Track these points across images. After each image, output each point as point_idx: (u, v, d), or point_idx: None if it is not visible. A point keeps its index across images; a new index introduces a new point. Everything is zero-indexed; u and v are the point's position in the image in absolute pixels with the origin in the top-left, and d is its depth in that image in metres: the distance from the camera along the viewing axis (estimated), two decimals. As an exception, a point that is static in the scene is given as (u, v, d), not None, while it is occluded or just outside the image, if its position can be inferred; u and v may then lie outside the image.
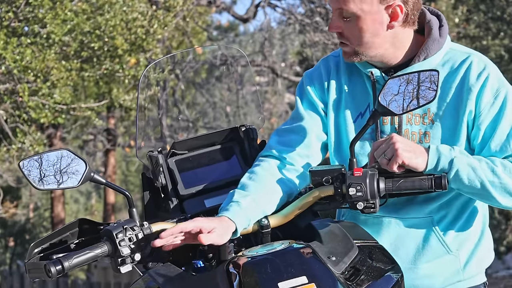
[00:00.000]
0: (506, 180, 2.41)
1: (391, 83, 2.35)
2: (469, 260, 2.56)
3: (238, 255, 2.23)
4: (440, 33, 2.54)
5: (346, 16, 2.48)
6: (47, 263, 2.13)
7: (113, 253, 2.20)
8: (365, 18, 2.47)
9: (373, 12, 2.47)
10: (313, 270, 2.11)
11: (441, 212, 2.52)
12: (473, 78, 2.48)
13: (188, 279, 2.21)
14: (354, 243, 2.31)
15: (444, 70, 2.52)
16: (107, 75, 11.48)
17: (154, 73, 2.90)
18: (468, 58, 2.52)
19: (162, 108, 11.12)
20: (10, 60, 9.81)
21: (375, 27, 2.49)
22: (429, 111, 2.51)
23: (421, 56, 2.52)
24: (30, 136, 11.46)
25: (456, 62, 2.53)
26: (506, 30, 14.44)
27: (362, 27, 2.48)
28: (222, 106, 18.48)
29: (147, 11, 11.22)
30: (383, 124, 2.55)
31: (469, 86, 2.48)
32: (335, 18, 2.51)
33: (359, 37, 2.49)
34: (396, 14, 2.49)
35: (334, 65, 2.65)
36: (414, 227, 2.52)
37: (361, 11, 2.46)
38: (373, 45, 2.50)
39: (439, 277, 2.55)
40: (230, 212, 2.33)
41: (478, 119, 2.48)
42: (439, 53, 2.52)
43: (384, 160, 2.37)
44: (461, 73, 2.50)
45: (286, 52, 19.30)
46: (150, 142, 2.75)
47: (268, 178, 2.47)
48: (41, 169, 2.26)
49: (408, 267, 2.52)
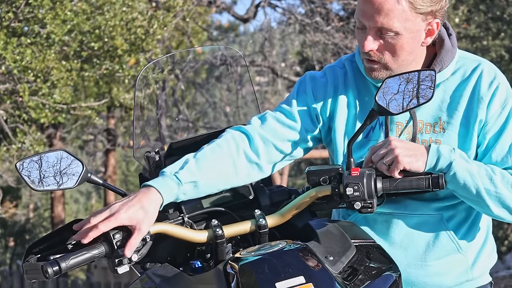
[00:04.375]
0: (502, 191, 2.39)
1: (390, 82, 2.34)
2: (476, 260, 2.55)
3: (236, 255, 2.23)
4: (451, 43, 2.51)
5: (385, 34, 2.39)
6: (44, 264, 2.13)
7: (110, 253, 2.20)
8: (407, 36, 2.39)
9: (415, 30, 2.40)
10: (311, 270, 2.11)
11: (450, 211, 2.50)
12: (484, 87, 2.46)
13: (186, 280, 2.21)
14: (352, 242, 2.30)
15: (456, 79, 2.50)
16: (107, 75, 11.50)
17: (152, 73, 2.90)
18: (479, 66, 2.49)
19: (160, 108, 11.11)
20: (10, 60, 9.82)
21: (414, 45, 2.43)
22: (440, 120, 2.49)
23: (436, 69, 2.47)
24: (30, 136, 11.47)
25: (467, 71, 2.50)
26: (506, 30, 14.44)
27: (402, 45, 2.40)
28: (222, 106, 18.49)
29: (147, 11, 11.23)
30: (396, 136, 2.50)
31: (480, 95, 2.46)
32: (371, 37, 2.40)
33: (396, 55, 2.42)
34: (432, 31, 2.45)
35: (341, 78, 2.58)
36: (424, 223, 2.49)
37: (404, 29, 2.38)
38: (407, 62, 2.45)
39: (449, 275, 2.53)
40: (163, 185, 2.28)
41: (485, 127, 2.46)
42: (452, 63, 2.50)
43: (384, 166, 2.34)
44: (472, 82, 2.48)
45: (286, 52, 19.32)
46: (148, 143, 2.76)
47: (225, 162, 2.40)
48: (41, 170, 2.26)
49: (418, 263, 2.50)
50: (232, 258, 2.22)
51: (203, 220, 2.44)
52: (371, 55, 2.43)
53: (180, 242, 2.36)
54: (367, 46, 2.40)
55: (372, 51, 2.42)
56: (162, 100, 13.13)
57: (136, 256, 2.23)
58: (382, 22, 2.37)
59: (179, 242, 2.37)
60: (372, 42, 2.41)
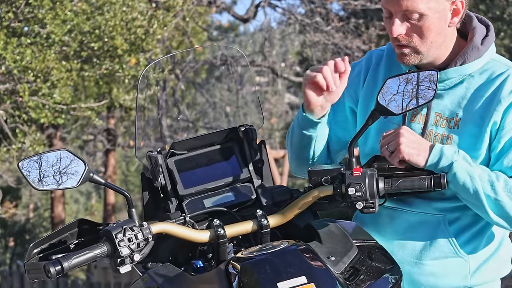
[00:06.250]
0: (502, 198, 2.38)
1: (390, 82, 2.34)
2: (480, 267, 2.52)
3: (237, 255, 2.23)
4: (483, 41, 2.51)
5: (411, 17, 2.42)
6: (46, 264, 2.13)
7: (112, 253, 2.20)
8: (433, 16, 2.41)
9: (440, 9, 2.42)
10: (313, 270, 2.10)
11: (455, 213, 2.49)
12: (506, 91, 2.45)
13: (187, 279, 2.21)
14: (354, 243, 2.30)
15: (481, 79, 2.49)
16: (107, 75, 11.49)
17: (154, 73, 2.90)
18: (507, 71, 2.49)
19: (161, 108, 11.11)
20: (10, 60, 9.82)
21: (441, 24, 2.44)
22: (456, 116, 2.48)
23: (458, 61, 2.48)
24: (30, 136, 11.47)
25: (494, 73, 2.49)
26: (506, 30, 14.44)
27: (429, 26, 2.42)
28: (222, 106, 18.49)
29: (147, 11, 11.23)
30: (411, 122, 2.53)
31: (500, 98, 2.45)
32: (398, 21, 2.43)
33: (424, 37, 2.44)
34: (458, 10, 2.45)
35: (376, 59, 2.64)
36: (425, 222, 2.49)
37: (429, 9, 2.40)
38: (436, 44, 2.46)
39: (444, 277, 2.51)
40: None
41: (501, 131, 2.44)
42: (478, 61, 2.49)
43: (386, 152, 2.38)
44: (496, 84, 2.47)
45: (286, 52, 19.32)
46: (150, 142, 2.75)
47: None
48: (41, 170, 2.26)
49: (413, 261, 2.50)
50: (233, 258, 2.22)
51: (205, 220, 2.44)
52: (400, 39, 2.46)
53: (182, 242, 2.35)
54: (395, 31, 2.43)
55: (401, 35, 2.45)
56: (163, 100, 13.13)
57: (138, 256, 2.23)
58: (407, 5, 2.40)
59: (180, 242, 2.36)
60: (399, 26, 2.44)
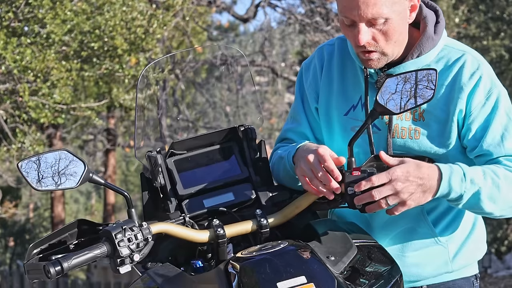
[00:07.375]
0: (506, 195, 2.40)
1: (389, 82, 2.33)
2: (458, 252, 2.55)
3: (237, 255, 2.23)
4: (436, 30, 2.50)
5: (376, 23, 2.38)
6: (46, 264, 2.13)
7: (112, 253, 2.20)
8: (396, 18, 2.39)
9: (402, 10, 2.40)
10: (312, 270, 2.11)
11: (432, 203, 2.47)
12: (465, 77, 2.45)
13: (187, 279, 2.21)
14: (353, 243, 2.31)
15: (438, 67, 2.48)
16: (107, 75, 11.49)
17: (153, 73, 2.90)
18: (463, 56, 2.49)
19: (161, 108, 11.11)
20: (10, 60, 9.81)
21: (403, 24, 2.43)
22: (419, 108, 2.47)
23: (414, 53, 2.48)
24: (30, 136, 11.48)
25: (450, 60, 2.49)
26: (506, 30, 14.44)
27: (394, 28, 2.40)
28: (222, 106, 18.49)
29: (147, 10, 11.23)
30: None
31: (461, 85, 2.45)
32: (364, 29, 2.38)
33: (390, 39, 2.41)
34: (415, 6, 2.44)
35: (327, 55, 2.61)
36: (404, 214, 2.43)
37: (393, 12, 2.37)
38: (399, 42, 2.44)
39: (427, 266, 2.54)
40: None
41: (468, 118, 2.45)
42: (433, 51, 2.49)
43: (385, 205, 2.29)
44: (454, 71, 2.47)
45: (286, 52, 19.32)
46: (149, 142, 2.75)
47: None
48: (39, 170, 2.26)
49: (396, 254, 2.50)
50: (233, 257, 2.22)
51: (205, 220, 2.44)
52: (366, 46, 2.42)
53: (181, 242, 2.36)
54: (362, 40, 2.38)
55: (367, 42, 2.41)
56: (162, 100, 13.13)
57: (138, 256, 2.23)
58: (372, 13, 2.35)
59: (180, 242, 2.37)
60: (366, 34, 2.39)
